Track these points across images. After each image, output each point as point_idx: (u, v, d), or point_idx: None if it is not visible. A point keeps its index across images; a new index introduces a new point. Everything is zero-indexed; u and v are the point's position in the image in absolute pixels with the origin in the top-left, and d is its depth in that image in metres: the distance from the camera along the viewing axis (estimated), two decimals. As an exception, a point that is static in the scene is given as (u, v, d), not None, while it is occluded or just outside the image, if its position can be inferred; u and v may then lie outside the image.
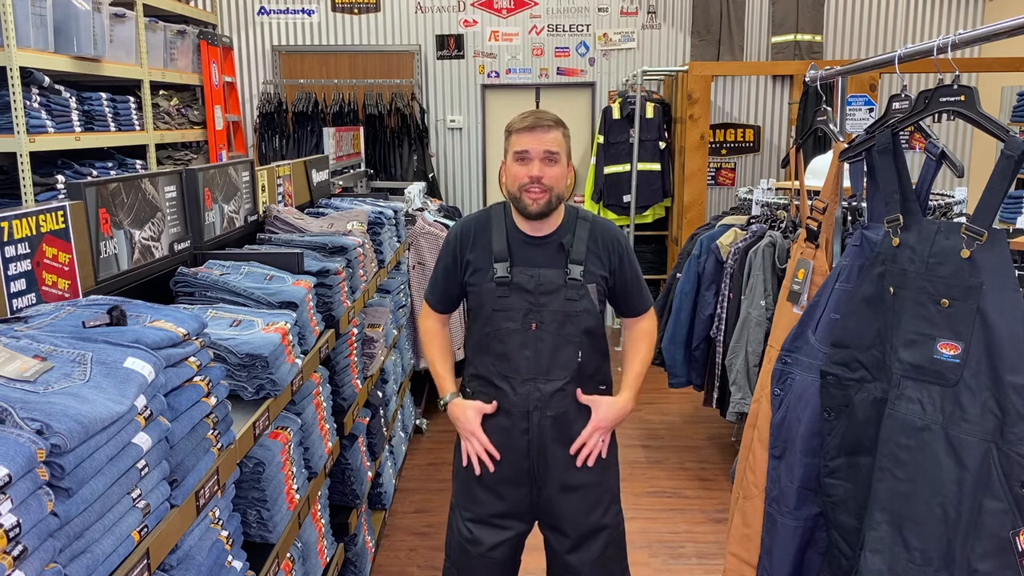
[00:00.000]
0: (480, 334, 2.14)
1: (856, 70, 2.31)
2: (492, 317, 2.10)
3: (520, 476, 2.13)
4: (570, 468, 2.13)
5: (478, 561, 2.18)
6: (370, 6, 6.84)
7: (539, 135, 2.03)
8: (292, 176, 3.41)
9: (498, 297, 2.08)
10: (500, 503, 2.16)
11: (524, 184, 2.04)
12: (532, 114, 2.08)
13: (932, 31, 6.87)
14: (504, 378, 2.10)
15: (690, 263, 3.99)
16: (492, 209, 2.21)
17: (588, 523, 2.16)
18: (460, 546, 2.21)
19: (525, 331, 2.08)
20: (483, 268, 2.12)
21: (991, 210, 1.51)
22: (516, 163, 2.06)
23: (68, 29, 4.16)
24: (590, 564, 2.17)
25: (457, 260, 2.18)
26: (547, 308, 2.07)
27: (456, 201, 7.06)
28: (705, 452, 4.36)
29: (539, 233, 2.12)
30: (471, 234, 2.17)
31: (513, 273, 2.08)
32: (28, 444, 0.94)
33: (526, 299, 2.07)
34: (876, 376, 1.74)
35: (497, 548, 2.17)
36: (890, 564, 1.63)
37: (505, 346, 2.09)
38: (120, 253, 1.89)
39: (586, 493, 2.15)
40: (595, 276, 2.11)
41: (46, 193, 4.00)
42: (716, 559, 3.26)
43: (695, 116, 5.76)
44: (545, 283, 2.07)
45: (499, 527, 2.17)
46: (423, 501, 3.80)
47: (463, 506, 2.21)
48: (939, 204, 3.36)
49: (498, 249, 2.11)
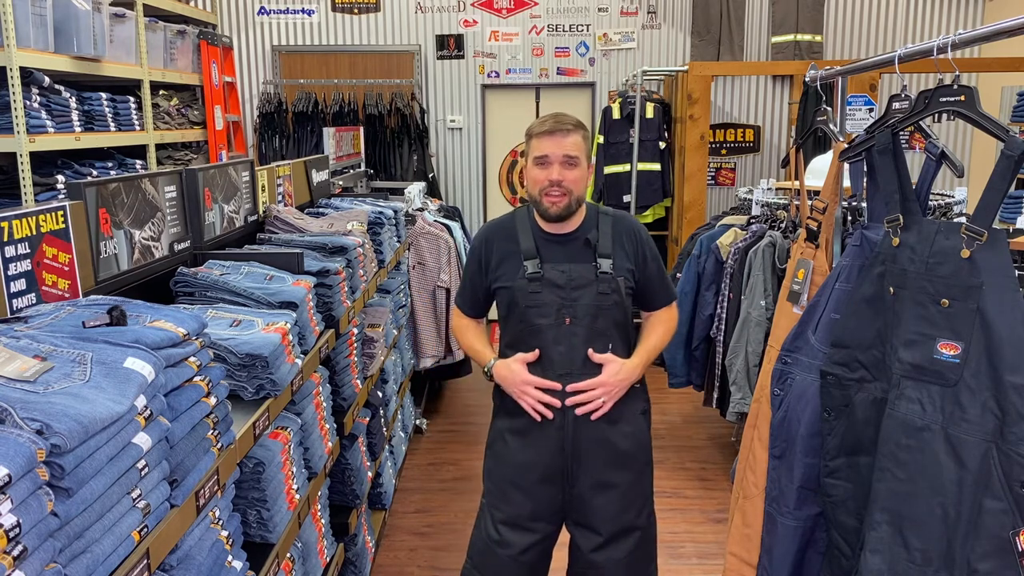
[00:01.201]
0: (514, 331, 2.15)
1: (856, 70, 2.31)
2: (525, 314, 2.11)
3: (553, 473, 2.12)
4: (605, 466, 2.12)
5: (506, 563, 2.16)
6: (370, 6, 6.84)
7: (559, 139, 2.05)
8: (292, 176, 3.41)
9: (530, 293, 2.10)
10: (531, 502, 2.14)
11: (544, 188, 2.06)
12: (552, 118, 2.09)
13: (932, 31, 6.87)
14: (538, 374, 2.10)
15: (690, 263, 3.99)
16: (516, 212, 2.24)
17: (621, 523, 2.15)
18: (487, 547, 2.19)
19: (559, 326, 2.09)
20: (512, 268, 2.14)
21: (991, 210, 1.51)
22: (536, 167, 2.08)
23: (68, 29, 4.16)
24: (616, 563, 2.15)
25: (483, 265, 2.21)
26: (579, 303, 2.08)
27: (456, 201, 7.06)
28: (705, 452, 4.35)
29: (563, 231, 2.14)
30: (496, 238, 2.20)
31: (544, 269, 2.10)
32: (28, 444, 0.94)
33: (558, 294, 2.09)
34: (876, 376, 1.74)
35: (527, 552, 2.16)
36: (890, 564, 1.62)
37: (539, 341, 2.10)
38: (120, 253, 1.89)
39: (621, 492, 2.14)
40: (623, 269, 2.13)
41: (46, 193, 4.00)
42: (716, 559, 3.26)
43: (695, 116, 5.76)
44: (576, 278, 2.09)
45: (529, 529, 2.16)
46: (423, 501, 3.80)
47: (495, 506, 2.19)
48: (939, 204, 3.36)
49: (526, 247, 2.13)
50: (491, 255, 2.19)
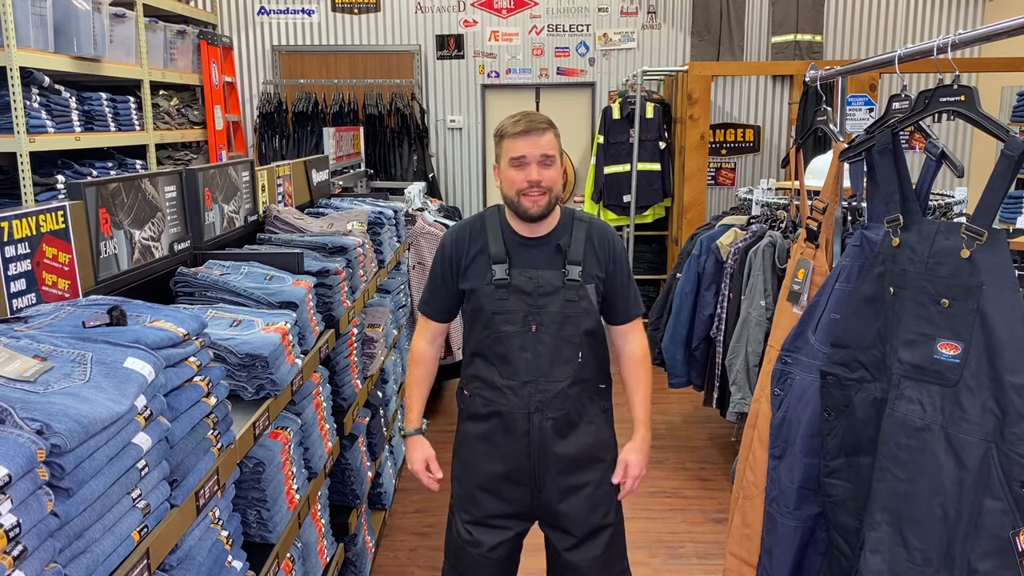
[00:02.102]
0: (479, 337, 2.13)
1: (856, 70, 2.31)
2: (491, 320, 2.09)
3: (521, 477, 2.13)
4: (571, 470, 2.13)
5: (478, 561, 2.18)
6: (370, 6, 6.84)
7: (534, 139, 2.03)
8: (292, 176, 3.41)
9: (497, 300, 2.08)
10: (500, 504, 2.16)
11: (523, 188, 2.03)
12: (524, 117, 2.06)
13: (932, 31, 6.87)
14: (504, 380, 2.10)
15: (690, 263, 3.99)
16: (486, 213, 2.20)
17: (591, 523, 2.16)
18: (459, 548, 2.21)
19: (525, 333, 2.07)
20: (480, 272, 2.11)
21: (991, 210, 1.51)
22: (513, 168, 2.05)
23: (68, 29, 4.16)
24: (591, 562, 2.17)
25: (451, 267, 2.16)
26: (546, 310, 2.07)
27: (456, 201, 7.06)
28: (705, 452, 4.35)
29: (535, 234, 2.11)
30: (466, 239, 2.16)
31: (512, 275, 2.08)
32: (28, 444, 0.94)
33: (525, 301, 2.07)
34: (876, 376, 1.74)
35: (497, 548, 2.17)
36: (890, 564, 1.62)
37: (505, 348, 2.08)
38: (120, 253, 1.89)
39: (588, 494, 2.15)
40: (593, 277, 2.11)
41: (46, 193, 4.00)
42: (716, 559, 3.26)
43: (695, 116, 5.76)
44: (544, 284, 2.07)
45: (499, 528, 2.17)
46: (423, 501, 3.80)
47: (463, 508, 2.21)
48: (939, 204, 3.36)
49: (495, 251, 2.10)
50: (461, 256, 2.15)
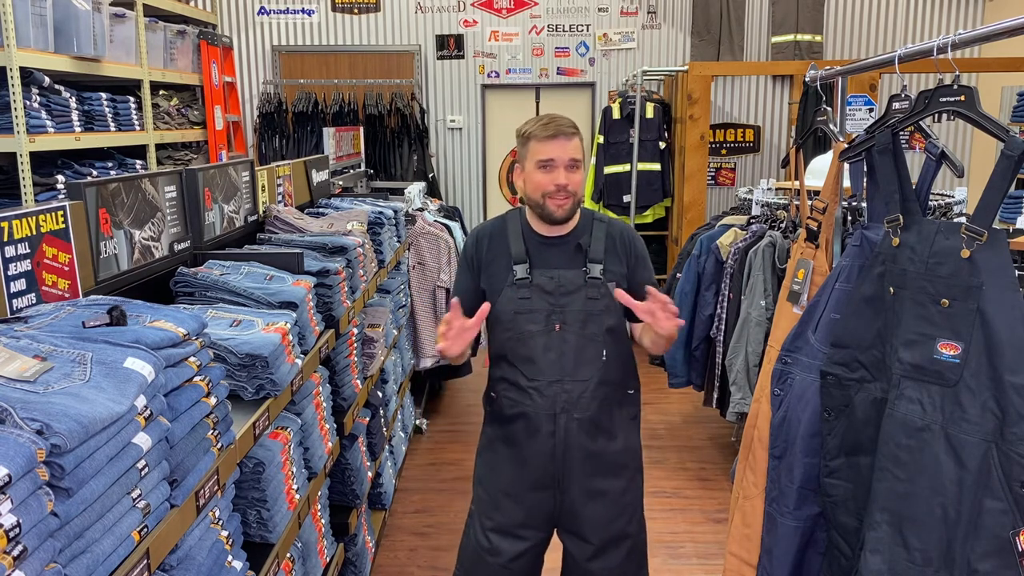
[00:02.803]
0: (503, 339, 2.12)
1: (856, 70, 2.31)
2: (514, 320, 2.08)
3: (544, 480, 2.11)
4: (595, 474, 2.11)
5: (496, 571, 2.15)
6: (370, 6, 6.84)
7: (562, 143, 2.03)
8: (292, 176, 3.41)
9: (519, 299, 2.08)
10: (523, 511, 2.13)
11: (549, 192, 2.04)
12: (551, 121, 2.06)
13: (932, 31, 6.87)
14: (529, 381, 2.08)
15: (690, 263, 3.99)
16: (508, 215, 2.21)
17: (612, 530, 2.14)
18: (477, 555, 2.18)
19: (548, 332, 2.07)
20: (502, 272, 2.12)
21: (991, 210, 1.51)
22: (539, 170, 2.05)
23: (68, 29, 4.16)
24: (609, 571, 2.15)
25: (474, 267, 2.18)
26: (568, 308, 2.06)
27: (456, 201, 7.06)
28: (705, 452, 4.35)
29: (559, 233, 2.12)
30: (487, 240, 2.17)
31: (533, 275, 2.08)
32: (28, 444, 0.94)
33: (547, 300, 2.07)
34: (876, 376, 1.74)
35: (518, 559, 2.15)
36: (890, 564, 1.62)
37: (528, 349, 2.08)
38: (120, 253, 1.89)
39: (611, 500, 2.13)
40: (615, 275, 2.11)
41: (46, 193, 4.00)
42: (716, 559, 3.26)
43: (695, 116, 5.76)
44: (565, 283, 2.07)
45: (519, 537, 2.14)
46: (423, 501, 3.80)
47: (485, 514, 2.18)
48: (939, 204, 3.36)
49: (516, 252, 2.11)
50: (482, 256, 2.16)
